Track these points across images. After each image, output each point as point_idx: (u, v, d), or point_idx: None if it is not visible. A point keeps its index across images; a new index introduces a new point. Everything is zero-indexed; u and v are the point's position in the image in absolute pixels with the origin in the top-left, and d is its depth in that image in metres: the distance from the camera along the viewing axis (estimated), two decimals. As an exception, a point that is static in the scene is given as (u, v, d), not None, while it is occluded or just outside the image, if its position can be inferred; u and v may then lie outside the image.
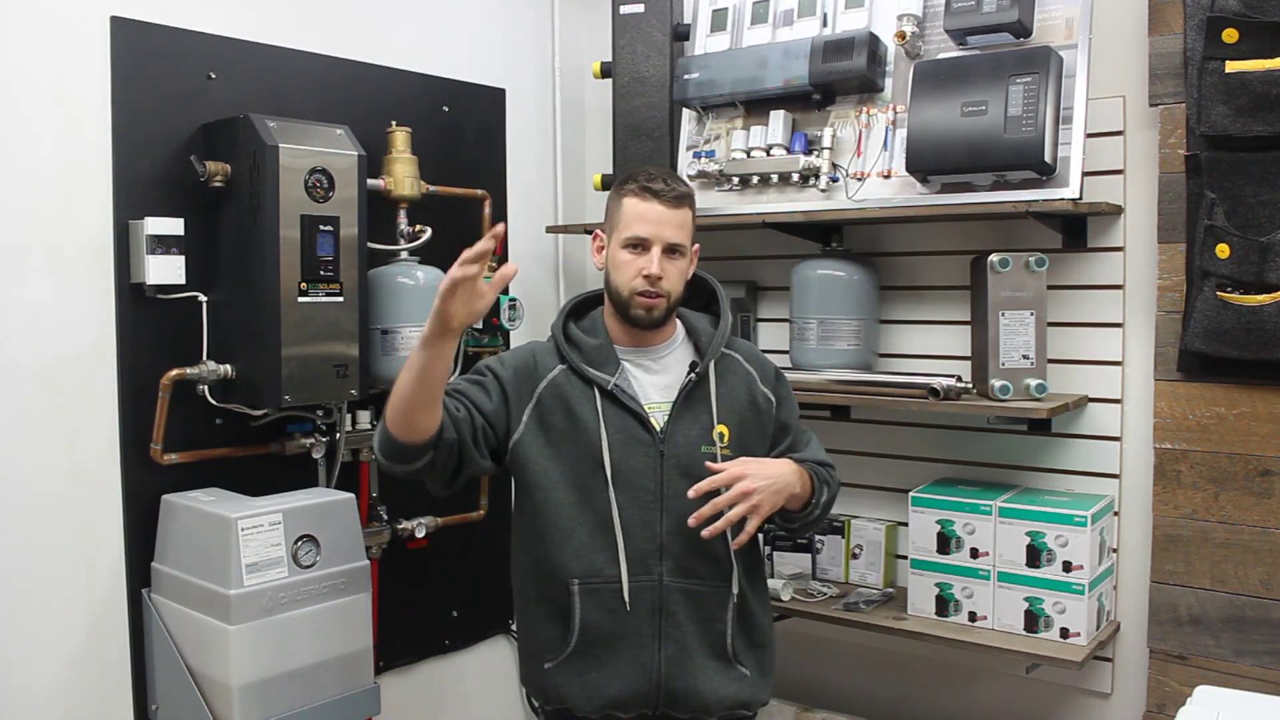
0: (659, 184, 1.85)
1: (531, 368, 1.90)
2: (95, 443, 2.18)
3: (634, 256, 1.85)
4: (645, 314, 1.87)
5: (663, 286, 1.85)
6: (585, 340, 1.91)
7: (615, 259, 1.88)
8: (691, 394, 1.90)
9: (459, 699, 2.92)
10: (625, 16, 2.77)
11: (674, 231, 1.86)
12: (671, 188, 1.86)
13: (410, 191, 2.53)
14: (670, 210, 1.85)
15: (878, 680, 2.79)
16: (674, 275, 1.87)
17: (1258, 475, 2.19)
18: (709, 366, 1.91)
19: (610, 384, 1.86)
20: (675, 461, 1.86)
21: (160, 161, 2.23)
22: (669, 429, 1.87)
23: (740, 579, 1.89)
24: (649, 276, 1.84)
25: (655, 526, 1.84)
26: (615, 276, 1.88)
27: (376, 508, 2.61)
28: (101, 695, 2.20)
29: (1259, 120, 2.07)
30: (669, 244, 1.85)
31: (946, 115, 2.27)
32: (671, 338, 1.96)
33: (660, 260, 1.84)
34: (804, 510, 1.91)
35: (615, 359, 1.90)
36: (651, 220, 1.84)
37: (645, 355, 1.93)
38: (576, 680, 1.86)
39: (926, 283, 2.64)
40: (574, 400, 1.87)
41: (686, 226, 1.88)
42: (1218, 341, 2.16)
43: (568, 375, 1.89)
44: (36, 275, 2.09)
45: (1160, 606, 2.30)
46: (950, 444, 2.62)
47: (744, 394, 1.95)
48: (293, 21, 2.47)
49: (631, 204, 1.86)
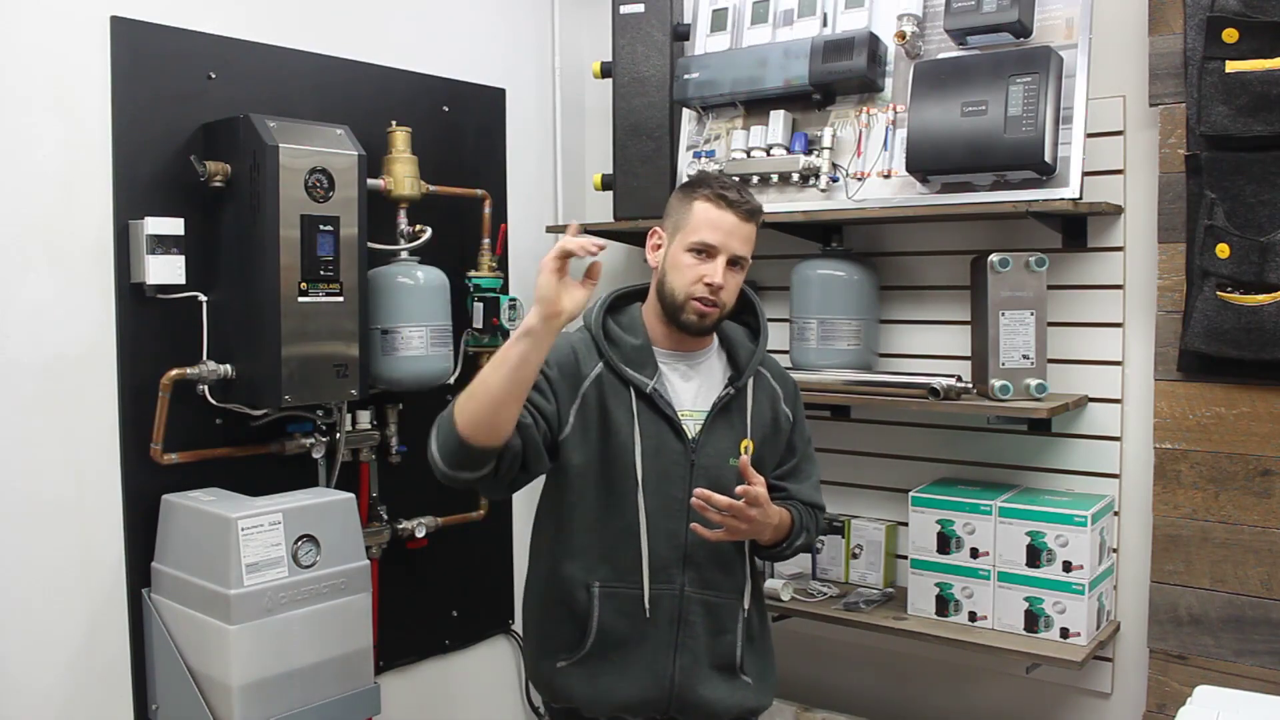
0: (734, 194, 1.84)
1: (575, 364, 1.86)
2: (95, 443, 2.18)
3: (697, 262, 1.83)
4: (698, 320, 1.84)
5: (721, 297, 1.83)
6: (625, 339, 1.89)
7: (676, 260, 1.85)
8: (728, 407, 1.89)
9: (459, 699, 2.92)
10: (625, 16, 2.77)
11: (741, 244, 1.84)
12: (745, 199, 1.84)
13: (410, 191, 2.53)
14: (742, 223, 1.83)
15: (878, 680, 2.78)
16: (732, 287, 1.86)
17: (1258, 475, 2.19)
18: (748, 382, 1.91)
19: (649, 387, 1.84)
20: (705, 472, 1.84)
21: (160, 161, 2.23)
22: (702, 439, 1.86)
23: (749, 594, 1.91)
24: (711, 285, 1.81)
25: (680, 536, 1.83)
26: (673, 278, 1.85)
27: (376, 508, 2.61)
28: (101, 695, 2.20)
29: (1259, 120, 2.07)
30: (735, 255, 1.83)
31: (946, 115, 2.27)
32: (709, 345, 1.95)
33: (725, 271, 1.83)
34: (769, 548, 1.92)
35: (654, 361, 1.88)
36: (723, 229, 1.82)
37: (682, 360, 1.91)
38: (589, 682, 1.86)
39: (926, 283, 2.64)
40: (611, 401, 1.85)
41: (752, 241, 1.87)
42: (1218, 341, 2.16)
43: (606, 374, 1.86)
44: (36, 275, 2.09)
45: (1160, 606, 2.30)
46: (950, 444, 2.62)
47: (769, 411, 1.95)
48: (292, 21, 2.47)
49: (704, 209, 1.83)
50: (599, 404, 1.85)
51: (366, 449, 2.56)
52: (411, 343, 2.47)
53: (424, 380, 2.52)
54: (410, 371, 2.48)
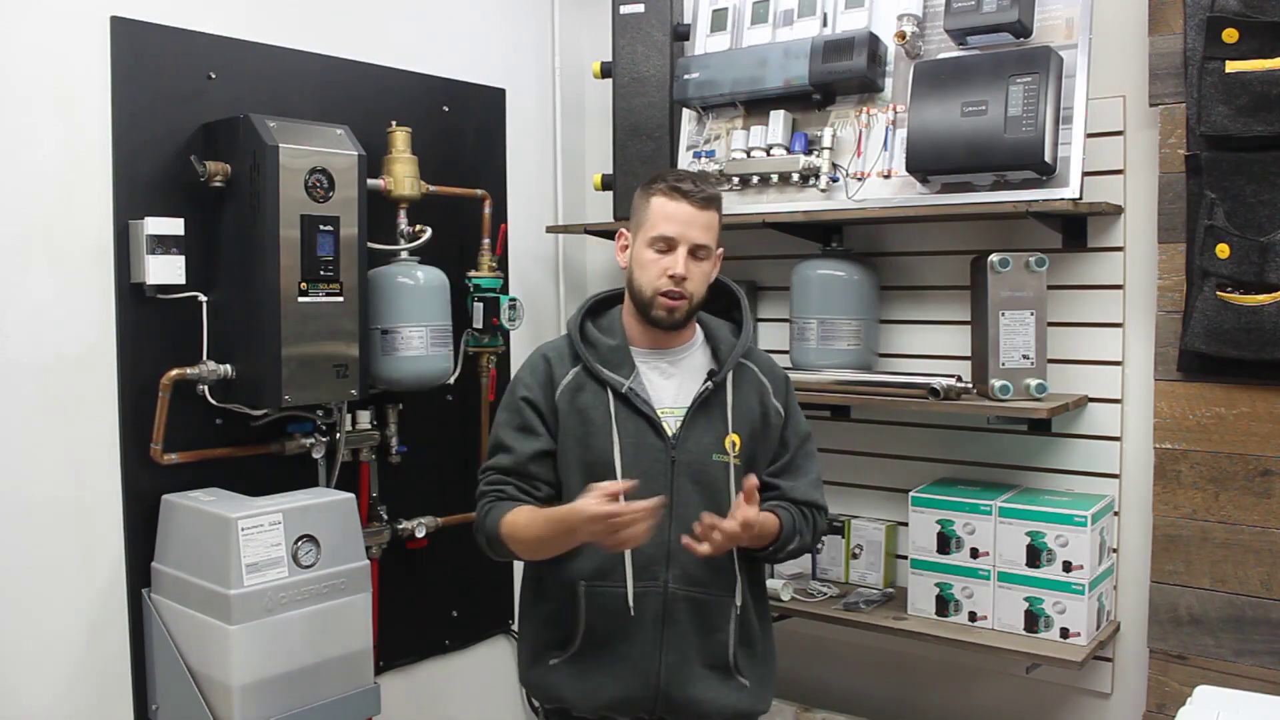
0: (688, 184, 1.85)
1: (548, 373, 1.90)
2: (95, 443, 2.18)
3: (659, 256, 1.85)
4: (667, 315, 1.86)
5: (686, 288, 1.84)
6: (602, 340, 1.91)
7: (640, 258, 1.87)
8: (707, 402, 1.89)
9: (459, 699, 2.92)
10: (625, 16, 2.77)
11: (700, 232, 1.85)
12: (700, 189, 1.85)
13: (410, 191, 2.53)
14: (698, 211, 1.84)
15: (878, 680, 2.78)
16: (698, 277, 1.86)
17: (1258, 475, 2.19)
18: (727, 376, 1.91)
19: (625, 387, 1.86)
20: (687, 469, 1.85)
21: (160, 161, 2.23)
22: (682, 435, 1.86)
23: (744, 591, 1.90)
24: (674, 276, 1.83)
25: (664, 534, 1.82)
26: (639, 275, 1.87)
27: (376, 508, 2.61)
28: (101, 695, 2.20)
29: (1259, 120, 2.07)
30: (695, 244, 1.84)
31: (946, 115, 2.27)
32: (690, 341, 1.95)
33: (685, 261, 1.83)
34: (760, 550, 1.90)
35: (631, 361, 1.89)
36: (680, 220, 1.83)
37: (662, 357, 1.92)
38: (577, 680, 1.86)
39: (926, 283, 2.64)
40: (588, 402, 1.86)
41: (713, 229, 1.88)
42: (1218, 341, 2.16)
43: (583, 376, 1.88)
44: (36, 275, 2.09)
45: (1160, 606, 2.30)
46: (950, 444, 2.62)
47: (757, 405, 1.94)
48: (292, 21, 2.47)
49: (660, 203, 1.85)
50: (576, 407, 1.87)
51: (366, 449, 2.57)
52: (411, 343, 2.47)
53: (424, 380, 2.53)
54: (410, 371, 2.49)
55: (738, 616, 1.89)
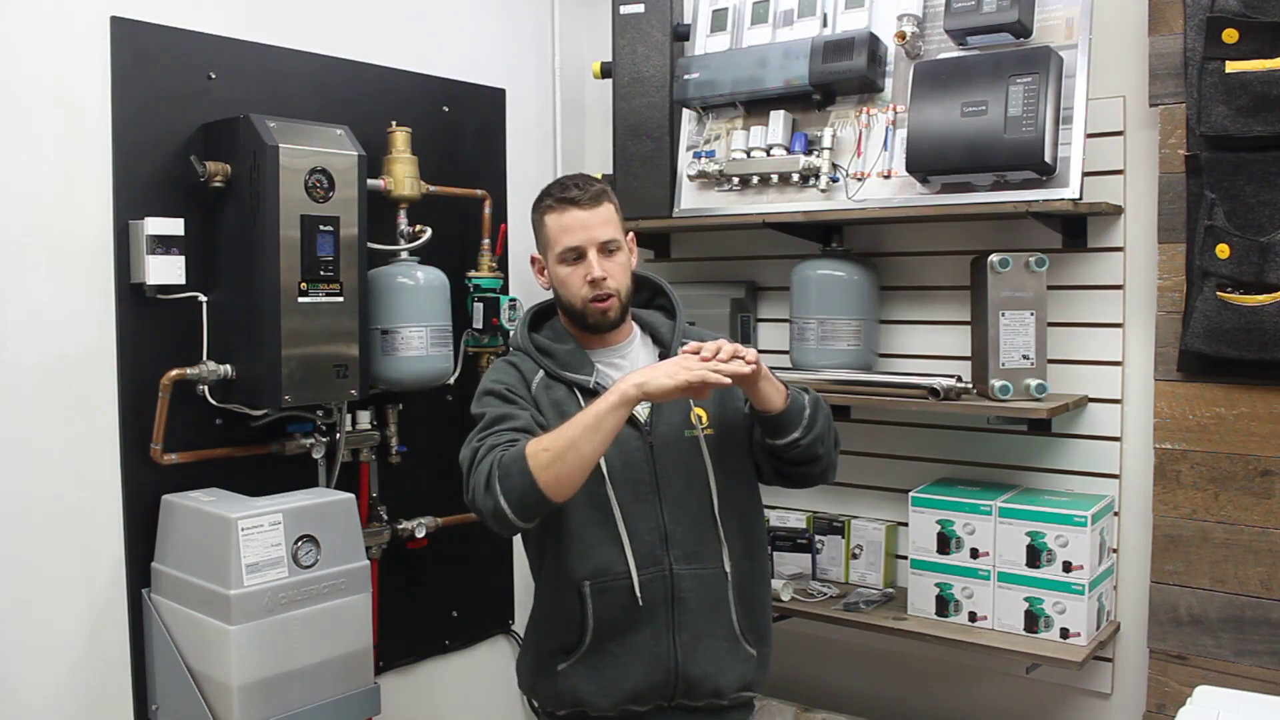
0: (572, 190, 1.87)
1: (520, 378, 1.91)
2: (95, 443, 2.18)
3: (574, 267, 1.87)
4: (602, 317, 1.88)
5: (609, 286, 1.86)
6: (556, 347, 1.93)
7: (557, 276, 1.89)
8: None
9: (459, 699, 2.92)
10: (625, 16, 2.77)
11: (602, 229, 1.86)
12: (585, 189, 1.87)
13: (410, 191, 2.53)
14: (590, 211, 1.86)
15: (878, 680, 2.78)
16: (617, 271, 1.88)
17: (1258, 475, 2.19)
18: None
19: (591, 383, 1.88)
20: (664, 451, 1.87)
21: (160, 161, 2.23)
22: (652, 419, 1.88)
23: (728, 559, 1.89)
24: (594, 281, 1.85)
25: (657, 517, 1.85)
26: (564, 292, 1.90)
27: (376, 508, 2.61)
28: (101, 695, 2.20)
29: (1259, 120, 2.07)
30: (601, 243, 1.86)
31: (946, 115, 2.27)
32: (631, 335, 1.98)
33: (599, 261, 1.86)
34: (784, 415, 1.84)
35: (589, 361, 1.92)
36: (576, 227, 1.85)
37: (612, 354, 1.95)
38: (593, 678, 1.86)
39: (926, 283, 2.64)
40: (561, 398, 1.88)
41: (613, 221, 1.89)
42: (1218, 341, 2.16)
43: (550, 382, 1.90)
44: (36, 275, 2.09)
45: (1160, 607, 2.30)
46: (950, 444, 2.62)
47: None
48: (292, 21, 2.47)
49: (553, 219, 1.87)
50: (550, 400, 1.88)
51: (366, 449, 2.57)
52: (411, 343, 2.47)
53: (424, 380, 2.53)
54: (410, 372, 2.49)
55: (733, 585, 1.90)
